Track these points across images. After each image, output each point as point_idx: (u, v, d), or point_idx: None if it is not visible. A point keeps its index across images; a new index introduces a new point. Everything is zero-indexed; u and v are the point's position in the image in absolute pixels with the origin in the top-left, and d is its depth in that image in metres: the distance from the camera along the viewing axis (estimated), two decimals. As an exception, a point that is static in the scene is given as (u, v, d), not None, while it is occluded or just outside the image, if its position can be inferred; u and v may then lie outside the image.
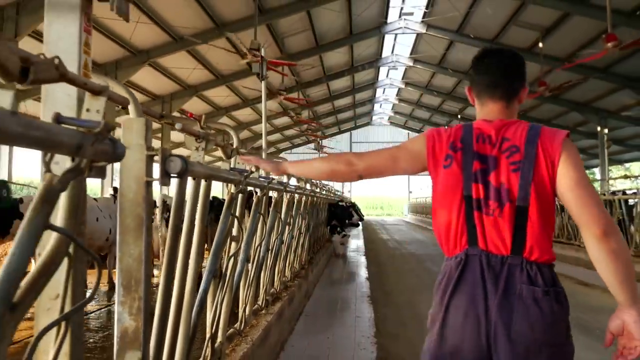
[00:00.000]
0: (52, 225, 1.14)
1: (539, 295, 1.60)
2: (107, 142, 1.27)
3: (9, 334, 1.10)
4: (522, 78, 1.87)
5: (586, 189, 1.63)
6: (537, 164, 1.66)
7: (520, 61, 1.89)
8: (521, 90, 1.88)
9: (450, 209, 1.73)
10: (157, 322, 1.98)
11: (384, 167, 1.92)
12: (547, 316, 1.59)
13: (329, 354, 4.47)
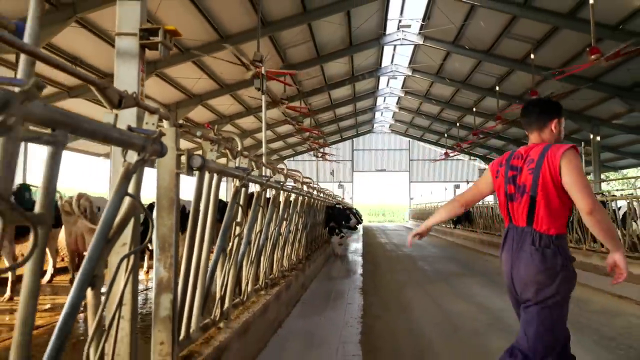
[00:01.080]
0: (129, 193, 1.89)
1: (532, 251, 2.53)
2: (158, 144, 2.01)
3: (105, 257, 1.85)
4: (546, 116, 2.76)
5: (578, 183, 2.46)
6: (542, 170, 2.52)
7: (542, 106, 2.80)
8: (549, 122, 2.76)
9: (502, 202, 2.76)
10: (183, 275, 2.72)
11: (474, 196, 3.03)
12: (536, 265, 2.51)
13: (321, 330, 5.18)
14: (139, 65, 2.48)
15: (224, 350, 3.29)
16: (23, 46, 1.27)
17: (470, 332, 5.27)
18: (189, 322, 2.97)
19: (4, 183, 1.16)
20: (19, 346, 1.46)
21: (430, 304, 6.91)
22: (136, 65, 2.49)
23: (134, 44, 2.49)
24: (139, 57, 2.47)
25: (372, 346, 4.68)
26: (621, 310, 6.36)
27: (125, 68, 2.51)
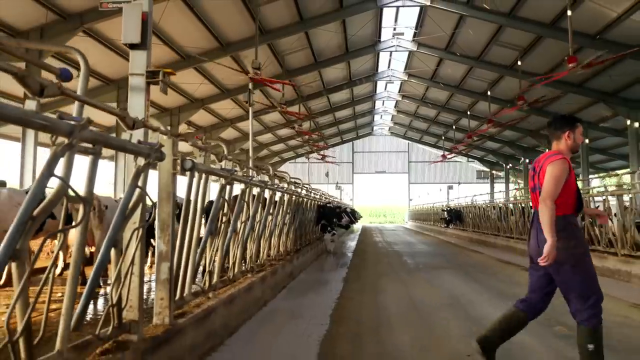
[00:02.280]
0: (139, 186, 2.80)
1: (540, 227, 3.37)
2: (159, 152, 2.91)
3: (124, 228, 2.76)
4: (559, 130, 3.60)
5: (547, 183, 3.37)
6: (542, 172, 3.46)
7: (556, 121, 3.66)
8: (562, 134, 3.58)
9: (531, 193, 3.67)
10: (178, 250, 3.63)
11: None
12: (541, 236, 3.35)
13: (300, 308, 6.06)
14: (145, 97, 3.29)
15: (211, 313, 4.19)
16: (78, 97, 2.17)
17: (427, 309, 6.14)
18: (182, 288, 3.88)
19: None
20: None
21: (401, 289, 7.79)
22: (143, 97, 3.29)
23: (142, 82, 3.32)
24: (145, 92, 3.29)
25: (339, 317, 5.58)
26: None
27: (136, 99, 3.34)
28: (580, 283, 3.31)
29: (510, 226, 15.26)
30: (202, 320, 3.94)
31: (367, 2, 19.24)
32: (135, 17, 3.31)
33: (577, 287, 3.31)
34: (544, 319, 5.26)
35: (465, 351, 4.15)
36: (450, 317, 5.67)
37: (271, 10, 17.15)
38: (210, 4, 15.35)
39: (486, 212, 18.60)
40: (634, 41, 17.06)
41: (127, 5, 3.33)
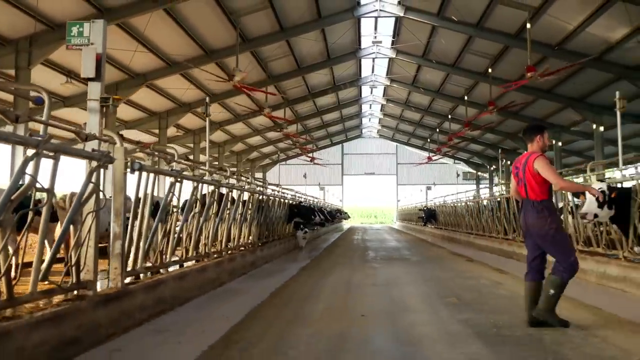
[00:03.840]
0: (93, 182, 3.90)
1: (530, 208, 4.57)
2: (109, 157, 4.01)
3: (80, 213, 3.86)
4: (532, 135, 4.77)
5: (548, 171, 4.51)
6: (527, 165, 4.55)
7: (529, 128, 4.92)
8: (535, 138, 4.75)
9: (514, 186, 4.86)
10: (130, 231, 4.73)
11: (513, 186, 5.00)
12: (531, 217, 4.57)
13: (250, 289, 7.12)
14: (99, 117, 4.30)
15: (161, 284, 5.28)
16: (42, 121, 3.25)
17: (356, 288, 7.24)
18: (135, 262, 4.97)
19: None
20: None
21: (346, 274, 8.86)
22: (98, 117, 4.31)
23: (97, 106, 4.35)
24: (99, 113, 4.30)
25: (277, 293, 6.70)
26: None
27: (92, 119, 4.34)
28: (556, 248, 4.58)
29: (470, 223, 16.37)
30: (151, 288, 5.03)
31: (344, 12, 20.35)
32: (91, 57, 4.36)
33: (561, 248, 4.57)
34: (440, 294, 6.41)
35: (362, 312, 5.26)
36: (369, 293, 6.78)
37: (252, 20, 18.20)
38: (193, 14, 16.38)
39: (455, 211, 19.71)
40: (590, 51, 18.27)
41: (85, 47, 4.38)
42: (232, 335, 4.38)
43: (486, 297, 6.44)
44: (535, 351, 3.84)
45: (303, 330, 4.59)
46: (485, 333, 4.42)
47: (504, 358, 3.69)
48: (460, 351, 3.86)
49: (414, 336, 4.41)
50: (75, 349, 3.66)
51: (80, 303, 3.83)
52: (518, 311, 5.41)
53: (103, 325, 4.06)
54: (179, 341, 4.18)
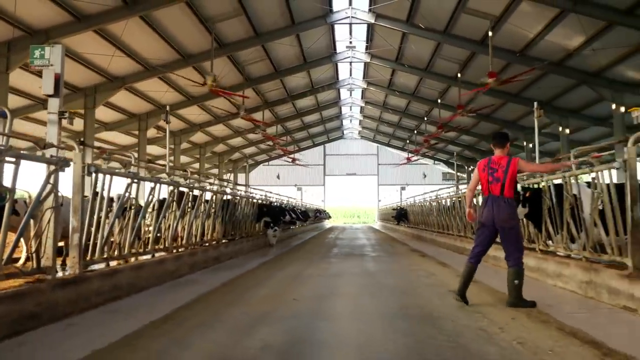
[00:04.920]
0: (50, 182, 4.62)
1: (503, 204, 5.32)
2: (66, 161, 4.72)
3: (40, 209, 4.58)
4: (505, 141, 5.65)
5: (534, 166, 6.36)
6: (510, 169, 5.34)
7: (502, 135, 5.77)
8: (505, 145, 5.61)
9: (484, 184, 5.51)
10: (87, 226, 5.44)
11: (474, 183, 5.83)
12: (504, 211, 5.32)
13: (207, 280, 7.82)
14: (58, 128, 4.96)
15: (117, 273, 6.00)
16: (4, 134, 3.96)
17: (303, 279, 7.97)
18: (93, 253, 5.68)
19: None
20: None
21: (300, 268, 9.57)
22: (57, 128, 4.98)
23: (55, 118, 5.03)
24: (58, 124, 4.97)
25: (228, 283, 7.42)
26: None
27: (52, 129, 5.00)
28: (516, 239, 5.41)
29: (434, 222, 17.21)
30: (107, 275, 5.74)
31: (317, 19, 21.08)
32: (51, 77, 5.04)
33: (514, 241, 5.38)
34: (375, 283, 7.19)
35: (295, 297, 6.01)
36: (312, 283, 7.53)
37: (227, 26, 18.85)
38: (168, 21, 17.00)
39: (422, 210, 20.56)
40: (550, 57, 19.29)
41: (45, 68, 5.07)
42: (173, 314, 5.11)
43: (413, 284, 7.24)
44: (421, 326, 4.60)
45: (236, 310, 5.33)
46: (389, 312, 5.20)
47: (392, 330, 4.46)
48: (358, 326, 4.62)
49: (329, 314, 5.17)
50: (35, 322, 4.37)
51: (39, 285, 4.54)
52: (431, 295, 6.22)
53: (61, 305, 4.77)
54: (126, 318, 4.89)
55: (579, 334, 4.08)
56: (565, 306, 5.40)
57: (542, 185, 7.29)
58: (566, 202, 6.46)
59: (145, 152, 24.96)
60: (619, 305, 5.14)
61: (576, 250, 6.45)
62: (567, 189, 6.43)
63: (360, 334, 4.28)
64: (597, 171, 5.81)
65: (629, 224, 5.11)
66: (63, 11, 14.38)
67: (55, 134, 4.85)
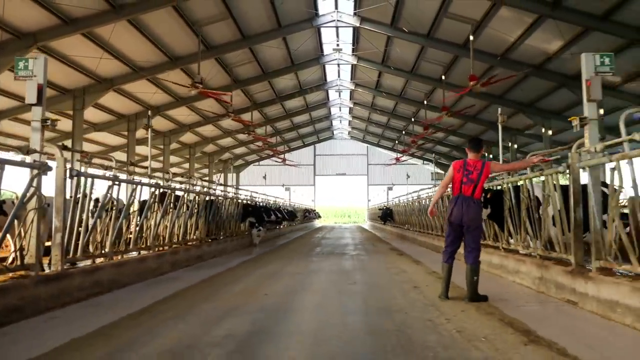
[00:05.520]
0: (33, 185, 4.97)
1: (472, 204, 5.70)
2: (47, 166, 5.07)
3: (24, 209, 4.93)
4: (480, 147, 6.03)
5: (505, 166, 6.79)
6: (484, 172, 5.73)
7: (478, 141, 6.14)
8: (480, 150, 5.99)
9: (457, 184, 5.82)
10: (70, 226, 5.79)
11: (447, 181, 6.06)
12: (473, 211, 5.71)
13: (187, 277, 8.18)
14: (41, 134, 5.28)
15: (99, 269, 6.35)
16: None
17: (278, 276, 8.34)
18: (75, 250, 6.02)
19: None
20: None
21: (278, 266, 9.93)
22: (40, 134, 5.30)
23: (39, 125, 5.34)
24: (41, 131, 5.29)
25: (207, 279, 7.78)
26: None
27: (35, 135, 5.33)
28: (479, 238, 5.83)
29: (416, 222, 17.63)
30: (89, 272, 6.09)
31: (303, 22, 21.45)
32: (34, 87, 5.35)
33: (477, 240, 5.77)
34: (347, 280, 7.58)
35: (267, 292, 6.39)
36: (287, 280, 7.91)
37: (214, 29, 19.17)
38: (156, 25, 17.28)
39: (405, 210, 20.99)
40: (531, 61, 19.82)
41: (29, 80, 5.40)
42: (150, 307, 5.48)
43: (383, 281, 7.64)
44: (376, 317, 4.99)
45: (210, 304, 5.70)
46: (351, 305, 5.60)
47: (349, 321, 4.85)
48: (319, 317, 5.01)
49: (295, 307, 5.56)
50: (19, 315, 4.72)
51: (23, 280, 4.89)
52: (396, 291, 6.63)
53: (43, 299, 5.12)
54: (105, 312, 5.25)
55: (516, 324, 4.48)
56: (516, 300, 5.80)
57: (503, 187, 7.70)
58: (522, 203, 6.88)
59: (135, 153, 25.24)
60: (564, 299, 5.56)
61: (532, 249, 6.86)
62: (523, 190, 6.85)
63: (319, 324, 4.66)
64: (546, 175, 6.23)
65: (572, 223, 5.53)
66: (51, 15, 14.63)
67: (38, 140, 5.18)
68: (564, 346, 3.73)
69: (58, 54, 17.03)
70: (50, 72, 16.49)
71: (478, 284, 5.67)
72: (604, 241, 4.94)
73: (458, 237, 5.91)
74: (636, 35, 15.62)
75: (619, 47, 16.87)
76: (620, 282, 4.52)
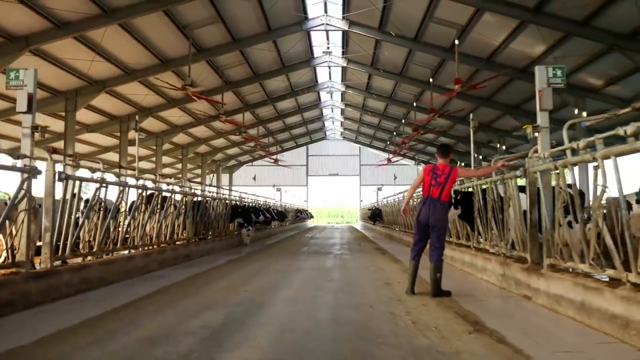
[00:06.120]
0: (23, 188, 5.33)
1: (439, 206, 6.12)
2: (39, 170, 5.43)
3: (15, 211, 5.30)
4: (449, 152, 6.56)
5: (472, 171, 7.48)
6: (451, 176, 6.16)
7: (447, 147, 6.70)
8: (449, 155, 6.50)
9: (426, 186, 6.27)
10: (58, 226, 6.15)
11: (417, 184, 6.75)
12: (439, 212, 6.14)
13: (172, 275, 8.53)
14: (31, 140, 5.65)
15: (87, 267, 6.71)
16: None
17: (261, 274, 8.71)
18: (64, 249, 6.38)
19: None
20: None
21: (266, 264, 10.31)
22: (30, 140, 5.66)
23: (29, 132, 5.71)
24: (31, 137, 5.65)
25: (192, 277, 8.16)
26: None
27: (26, 142, 5.70)
28: (443, 238, 6.30)
29: (400, 221, 18.04)
30: (77, 270, 6.46)
31: (293, 25, 21.82)
32: (24, 96, 5.69)
33: (441, 240, 6.17)
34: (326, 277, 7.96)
35: (247, 289, 6.77)
36: (269, 277, 8.29)
37: (205, 32, 19.49)
38: (147, 28, 17.59)
39: (393, 210, 21.41)
40: (516, 64, 20.29)
41: (20, 89, 5.75)
42: (134, 302, 5.85)
43: (359, 278, 8.07)
44: (343, 311, 5.39)
45: (191, 299, 6.08)
46: (322, 300, 6.01)
47: (317, 313, 5.23)
48: (290, 310, 5.40)
49: (270, 301, 5.95)
50: (10, 309, 5.09)
51: (14, 277, 5.25)
52: (369, 287, 7.03)
53: (33, 294, 5.48)
54: (92, 306, 5.61)
55: (469, 316, 4.89)
56: (479, 295, 6.22)
57: (473, 189, 8.11)
58: (489, 204, 7.29)
59: (127, 153, 25.52)
60: (521, 294, 5.98)
61: (497, 247, 7.27)
62: (489, 193, 7.26)
63: (289, 317, 5.05)
64: (506, 179, 6.64)
65: (528, 224, 5.94)
66: (43, 19, 14.93)
67: (28, 146, 5.54)
68: (503, 335, 4.13)
69: (50, 57, 17.33)
70: (43, 75, 16.85)
71: (441, 280, 6.07)
72: (553, 240, 5.34)
73: (424, 236, 6.30)
74: (614, 40, 16.07)
75: (601, 52, 17.37)
76: (564, 278, 4.92)
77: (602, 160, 4.31)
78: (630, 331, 3.78)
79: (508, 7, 16.18)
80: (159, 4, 15.81)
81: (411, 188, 6.89)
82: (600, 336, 4.07)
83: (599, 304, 4.25)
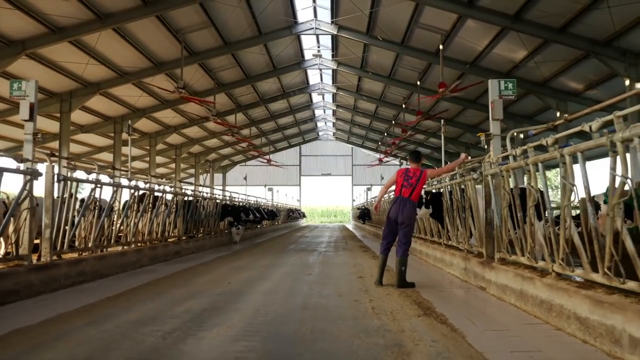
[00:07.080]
0: (26, 189, 5.92)
1: (408, 205, 6.79)
2: (39, 172, 6.02)
3: (19, 209, 5.88)
4: (420, 158, 7.37)
5: (438, 171, 7.98)
6: (422, 178, 6.88)
7: (418, 153, 7.46)
8: (419, 161, 7.27)
9: (398, 187, 6.96)
10: (57, 223, 6.74)
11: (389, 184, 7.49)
12: (408, 211, 6.79)
13: (162, 270, 9.11)
14: (32, 145, 6.22)
15: (82, 261, 7.29)
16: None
17: (247, 268, 9.29)
18: (62, 245, 6.96)
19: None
20: None
21: (252, 260, 10.89)
22: (32, 146, 6.24)
23: (30, 138, 6.29)
24: (32, 142, 6.23)
25: (180, 271, 8.73)
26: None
27: (27, 147, 6.28)
28: (410, 235, 6.88)
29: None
30: (74, 263, 7.04)
31: (283, 30, 22.42)
32: (27, 105, 6.27)
33: (408, 236, 6.83)
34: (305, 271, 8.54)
35: (230, 281, 7.37)
36: (252, 272, 8.89)
37: (197, 36, 20.08)
38: (140, 33, 18.16)
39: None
40: (499, 68, 20.94)
41: (22, 99, 6.33)
42: (126, 292, 6.44)
43: (336, 272, 8.66)
44: (314, 299, 5.99)
45: (178, 290, 6.67)
46: (298, 290, 6.61)
47: (290, 301, 5.84)
48: (266, 300, 6.00)
49: (249, 292, 6.54)
50: (15, 297, 5.67)
51: (18, 268, 5.83)
52: (343, 280, 7.63)
53: (35, 285, 6.06)
54: (88, 295, 6.20)
55: (424, 303, 5.51)
56: (440, 287, 6.85)
57: (442, 190, 8.75)
58: (454, 204, 7.92)
59: (121, 154, 26.07)
60: (478, 285, 6.61)
61: (461, 244, 7.91)
62: (454, 193, 7.90)
63: (264, 303, 5.65)
64: (466, 181, 7.28)
65: (483, 222, 6.57)
66: (39, 24, 15.45)
67: (30, 151, 6.11)
68: (447, 317, 4.76)
69: (46, 60, 17.86)
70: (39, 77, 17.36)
71: (406, 272, 6.68)
72: (502, 236, 5.98)
73: (393, 232, 6.92)
74: (591, 47, 16.74)
75: (580, 57, 18.05)
76: (508, 270, 5.55)
77: (569, 156, 4.34)
78: (552, 313, 4.41)
79: (489, 14, 16.83)
80: (152, 10, 16.35)
81: (384, 187, 7.56)
82: (530, 318, 4.71)
83: (532, 292, 4.87)
